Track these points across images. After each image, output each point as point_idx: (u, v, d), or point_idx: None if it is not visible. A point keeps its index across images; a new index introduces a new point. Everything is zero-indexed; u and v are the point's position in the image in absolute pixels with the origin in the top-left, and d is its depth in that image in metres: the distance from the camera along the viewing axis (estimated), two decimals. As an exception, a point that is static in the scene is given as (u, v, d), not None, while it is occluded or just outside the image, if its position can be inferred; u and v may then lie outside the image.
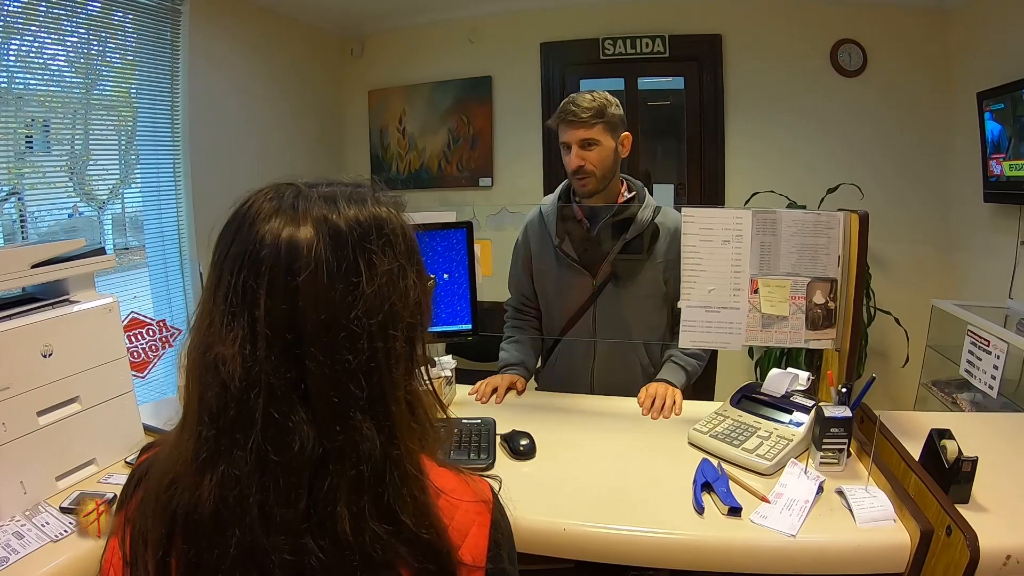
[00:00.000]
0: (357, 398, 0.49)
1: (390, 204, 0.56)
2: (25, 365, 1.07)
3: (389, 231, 0.53)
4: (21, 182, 2.23)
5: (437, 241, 1.52)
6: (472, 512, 0.55)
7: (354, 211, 0.52)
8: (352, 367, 0.49)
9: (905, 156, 2.90)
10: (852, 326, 1.32)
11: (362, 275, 0.50)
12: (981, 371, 1.97)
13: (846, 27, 2.88)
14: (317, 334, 0.49)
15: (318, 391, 0.49)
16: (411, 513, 0.50)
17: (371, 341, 0.50)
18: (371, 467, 0.49)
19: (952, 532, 0.94)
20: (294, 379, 0.48)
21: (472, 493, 0.56)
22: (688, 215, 1.36)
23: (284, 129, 3.41)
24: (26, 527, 1.01)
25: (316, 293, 0.49)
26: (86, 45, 2.34)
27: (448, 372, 1.57)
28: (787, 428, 1.23)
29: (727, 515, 1.02)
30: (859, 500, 1.04)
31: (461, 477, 0.57)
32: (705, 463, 1.15)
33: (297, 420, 0.48)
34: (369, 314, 0.50)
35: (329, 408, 0.49)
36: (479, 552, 0.53)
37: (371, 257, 0.51)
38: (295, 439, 0.47)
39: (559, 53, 3.42)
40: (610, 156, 1.57)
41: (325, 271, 0.49)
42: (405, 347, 0.53)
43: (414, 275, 0.55)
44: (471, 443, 1.28)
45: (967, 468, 1.05)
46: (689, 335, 1.40)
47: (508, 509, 0.59)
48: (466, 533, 0.53)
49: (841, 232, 1.33)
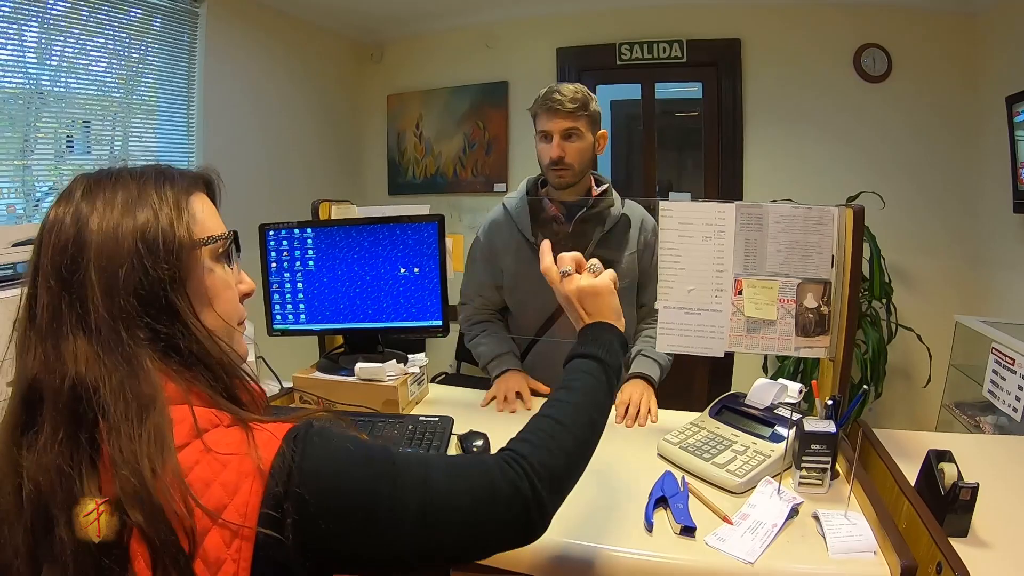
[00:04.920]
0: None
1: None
2: None
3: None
4: (61, 180, 2.29)
5: (408, 234, 1.46)
6: (246, 471, 0.52)
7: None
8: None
9: (931, 164, 2.73)
10: (846, 333, 1.19)
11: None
12: (1005, 392, 1.80)
13: (870, 31, 2.75)
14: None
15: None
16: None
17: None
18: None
19: (943, 570, 0.82)
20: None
21: (246, 451, 0.53)
22: (666, 209, 1.26)
23: (301, 132, 3.42)
24: None
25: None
26: (126, 49, 2.42)
27: (417, 369, 1.51)
28: (766, 443, 1.11)
29: (679, 534, 0.91)
30: (835, 527, 0.91)
31: (247, 436, 0.55)
32: (667, 476, 1.05)
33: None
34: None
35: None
36: (250, 511, 0.51)
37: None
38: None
39: (575, 58, 3.36)
40: (588, 150, 1.53)
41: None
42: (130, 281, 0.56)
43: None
44: (423, 440, 1.20)
45: (965, 496, 0.93)
46: (667, 339, 1.29)
47: (332, 440, 0.57)
48: (235, 492, 0.51)
49: (835, 229, 1.21)
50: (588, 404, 0.72)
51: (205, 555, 0.50)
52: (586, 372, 0.75)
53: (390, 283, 1.47)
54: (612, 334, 0.81)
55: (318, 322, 1.50)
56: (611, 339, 0.80)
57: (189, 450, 0.53)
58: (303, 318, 1.49)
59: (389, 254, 1.47)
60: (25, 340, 0.56)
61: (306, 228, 1.47)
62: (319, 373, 1.48)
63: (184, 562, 0.49)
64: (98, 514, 0.50)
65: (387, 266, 1.47)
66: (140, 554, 0.49)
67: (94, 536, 0.49)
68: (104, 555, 0.49)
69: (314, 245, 1.47)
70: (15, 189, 2.14)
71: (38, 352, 0.54)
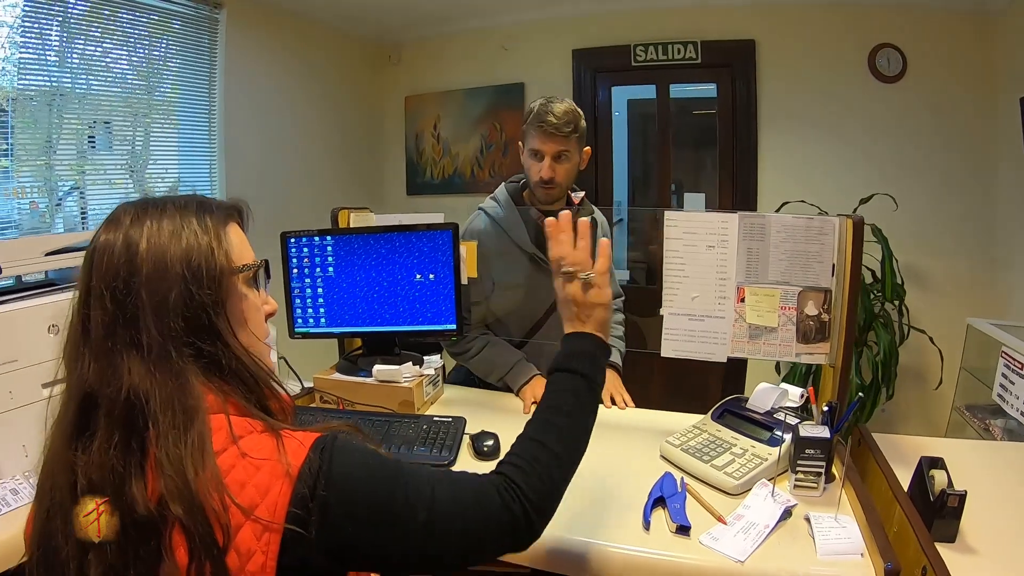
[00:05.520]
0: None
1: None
2: (33, 341, 1.17)
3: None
4: (83, 178, 2.36)
5: (423, 242, 1.52)
6: (276, 474, 0.60)
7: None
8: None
9: (947, 165, 2.71)
10: (846, 340, 1.23)
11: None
12: (1014, 396, 1.80)
13: (885, 31, 2.73)
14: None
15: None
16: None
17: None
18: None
19: (927, 574, 0.86)
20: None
21: (277, 457, 0.61)
22: (671, 219, 1.31)
23: (322, 133, 3.50)
24: (23, 485, 1.13)
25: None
26: (147, 48, 2.47)
27: (432, 371, 1.57)
28: (764, 447, 1.15)
29: (675, 533, 0.96)
30: (825, 530, 0.96)
31: (278, 442, 0.62)
32: (667, 477, 1.10)
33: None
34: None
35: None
36: (279, 510, 0.58)
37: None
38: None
39: (591, 60, 3.38)
40: (575, 169, 1.62)
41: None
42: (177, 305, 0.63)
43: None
44: (437, 440, 1.27)
45: (953, 503, 0.96)
46: (671, 344, 1.34)
47: (354, 454, 0.65)
48: (266, 493, 0.59)
49: (836, 239, 1.24)
50: (576, 428, 0.77)
51: (238, 547, 0.57)
52: (574, 392, 0.79)
53: (406, 288, 1.54)
54: (600, 348, 0.85)
55: (337, 325, 1.57)
56: (598, 353, 0.84)
57: (226, 455, 0.60)
58: (323, 321, 1.57)
59: (405, 261, 1.53)
60: (77, 352, 0.63)
61: (326, 236, 1.54)
62: (338, 374, 1.56)
63: (218, 552, 0.56)
64: (98, 514, 0.57)
65: (403, 272, 1.53)
66: (180, 544, 0.56)
67: (94, 536, 0.57)
68: (144, 544, 0.56)
69: (333, 252, 1.54)
70: (38, 187, 2.20)
71: (93, 366, 0.61)
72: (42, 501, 0.62)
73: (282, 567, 0.58)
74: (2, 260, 1.14)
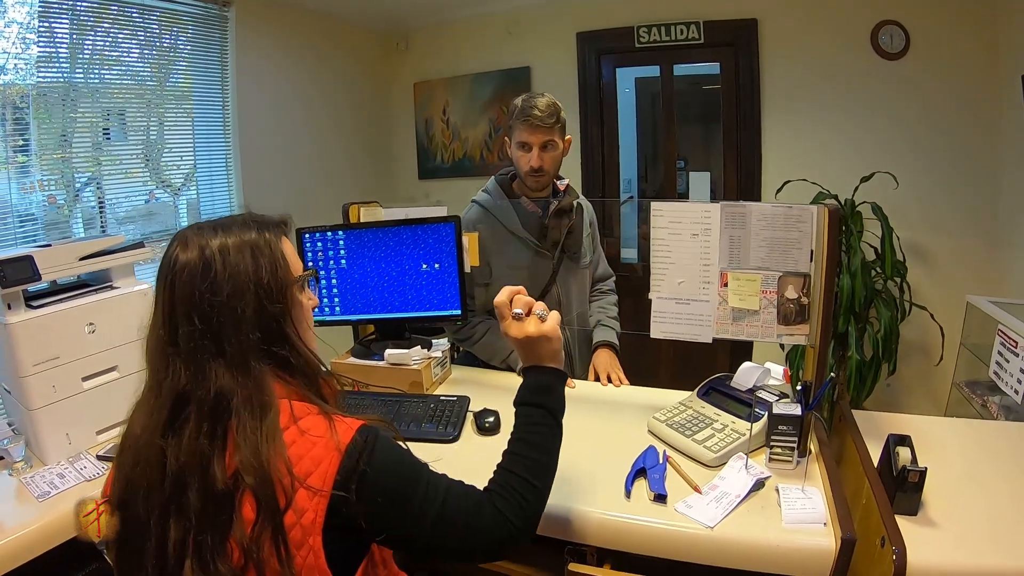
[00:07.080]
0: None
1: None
2: (73, 339, 1.30)
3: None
4: (100, 170, 2.43)
5: (428, 234, 1.62)
6: (328, 449, 0.73)
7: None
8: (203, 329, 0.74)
9: (949, 143, 2.70)
10: (823, 322, 1.30)
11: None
12: (1008, 374, 1.85)
13: (888, 7, 2.70)
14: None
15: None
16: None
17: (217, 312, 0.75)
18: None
19: (885, 543, 0.93)
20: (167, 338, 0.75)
21: (329, 436, 0.74)
22: (657, 209, 1.38)
23: (334, 121, 3.59)
24: (68, 470, 1.25)
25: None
26: (158, 39, 2.52)
27: (439, 353, 1.68)
28: (743, 423, 1.24)
29: (653, 501, 1.06)
30: (791, 500, 1.04)
31: (330, 424, 0.76)
32: (650, 450, 1.19)
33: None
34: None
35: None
36: (328, 479, 0.71)
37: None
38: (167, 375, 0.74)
39: (594, 42, 3.40)
40: (560, 156, 1.75)
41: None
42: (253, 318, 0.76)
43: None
44: (442, 417, 1.38)
45: (914, 479, 1.02)
46: (660, 326, 1.43)
47: (393, 447, 0.80)
48: (319, 463, 0.72)
49: (814, 227, 1.31)
50: (544, 455, 0.89)
51: (295, 505, 0.70)
52: (541, 425, 0.91)
53: (414, 277, 1.64)
54: (556, 378, 0.94)
55: (351, 313, 1.68)
56: (555, 383, 0.94)
57: (289, 432, 0.74)
58: (338, 310, 1.68)
59: (412, 252, 1.63)
60: (165, 357, 0.75)
61: (338, 231, 1.64)
62: (353, 358, 1.68)
63: (278, 511, 0.69)
64: (98, 514, 0.72)
65: (411, 263, 1.64)
66: (248, 504, 0.69)
67: (94, 536, 0.72)
68: (220, 509, 0.69)
69: (346, 245, 1.64)
70: (55, 181, 2.27)
71: (184, 371, 0.73)
72: (126, 474, 0.75)
73: (330, 526, 0.71)
74: (41, 267, 1.26)
